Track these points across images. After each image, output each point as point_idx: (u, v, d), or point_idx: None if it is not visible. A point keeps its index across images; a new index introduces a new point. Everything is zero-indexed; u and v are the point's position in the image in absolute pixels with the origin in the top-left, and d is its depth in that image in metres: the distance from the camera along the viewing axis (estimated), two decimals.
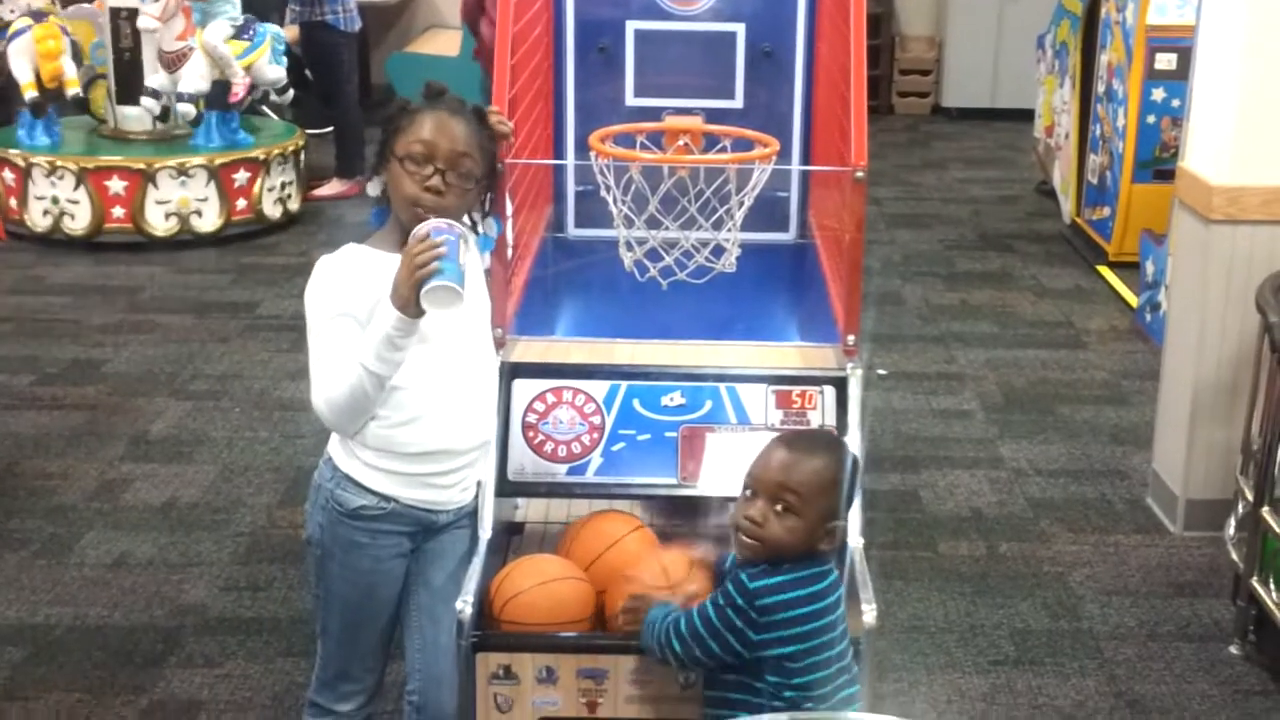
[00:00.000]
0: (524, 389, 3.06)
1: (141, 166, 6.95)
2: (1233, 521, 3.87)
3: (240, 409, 5.14)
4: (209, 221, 7.09)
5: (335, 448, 2.66)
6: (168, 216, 7.01)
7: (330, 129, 8.39)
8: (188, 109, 7.05)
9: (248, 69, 7.12)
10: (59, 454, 4.78)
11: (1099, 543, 4.28)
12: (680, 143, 3.59)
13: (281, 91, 7.44)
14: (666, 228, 3.33)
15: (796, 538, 2.35)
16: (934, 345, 5.92)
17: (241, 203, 7.17)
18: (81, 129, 7.54)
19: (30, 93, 7.08)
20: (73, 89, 7.22)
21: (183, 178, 6.97)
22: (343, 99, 8.09)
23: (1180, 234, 4.52)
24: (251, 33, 7.13)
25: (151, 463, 4.70)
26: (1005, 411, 5.25)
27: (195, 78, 7.02)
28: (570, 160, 4.03)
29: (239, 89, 7.11)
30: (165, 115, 7.16)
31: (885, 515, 4.35)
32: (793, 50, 4.09)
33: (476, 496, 2.77)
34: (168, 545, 4.17)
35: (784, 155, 3.61)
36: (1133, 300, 6.28)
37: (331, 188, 8.08)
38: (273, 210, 7.33)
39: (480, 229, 2.71)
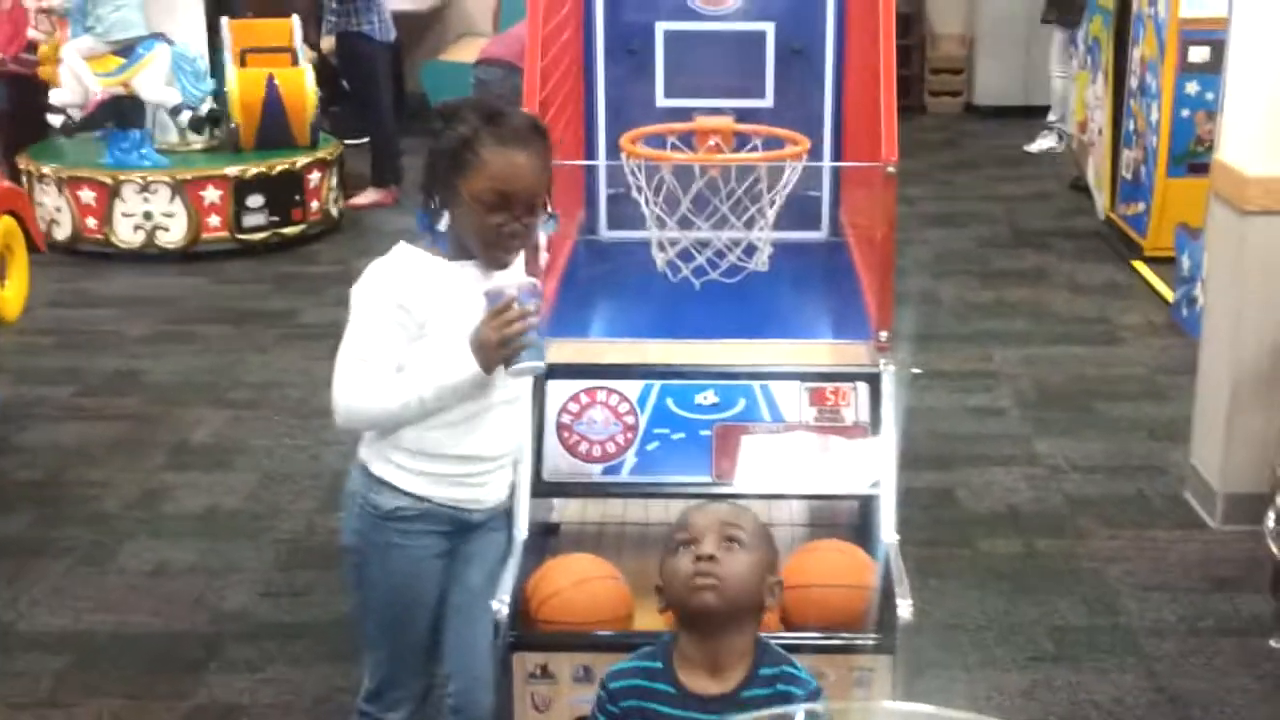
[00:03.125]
0: (558, 390, 3.08)
1: (107, 180, 7.12)
2: (1272, 515, 3.82)
3: (279, 417, 5.18)
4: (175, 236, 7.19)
5: (367, 453, 2.67)
6: (135, 229, 7.15)
7: (365, 139, 8.44)
8: (55, 118, 7.28)
9: (124, 85, 7.23)
10: (101, 463, 4.83)
11: (1137, 538, 4.26)
12: (711, 143, 3.61)
13: (173, 113, 7.37)
14: (699, 228, 3.35)
15: (751, 580, 2.12)
16: (969, 343, 5.90)
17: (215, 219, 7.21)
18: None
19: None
20: None
21: (145, 193, 7.11)
22: (378, 109, 8.15)
23: (1215, 227, 4.49)
24: (130, 51, 7.22)
25: (192, 471, 4.75)
26: (1041, 408, 5.23)
27: (65, 90, 7.27)
28: (602, 161, 4.05)
29: (92, 102, 7.30)
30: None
31: (920, 513, 4.33)
32: (823, 49, 4.10)
33: (510, 496, 2.78)
34: (208, 552, 4.21)
35: (815, 154, 3.62)
36: (1169, 295, 6.24)
37: (367, 197, 8.13)
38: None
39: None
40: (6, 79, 8.06)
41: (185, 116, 7.35)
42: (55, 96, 7.27)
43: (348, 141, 8.19)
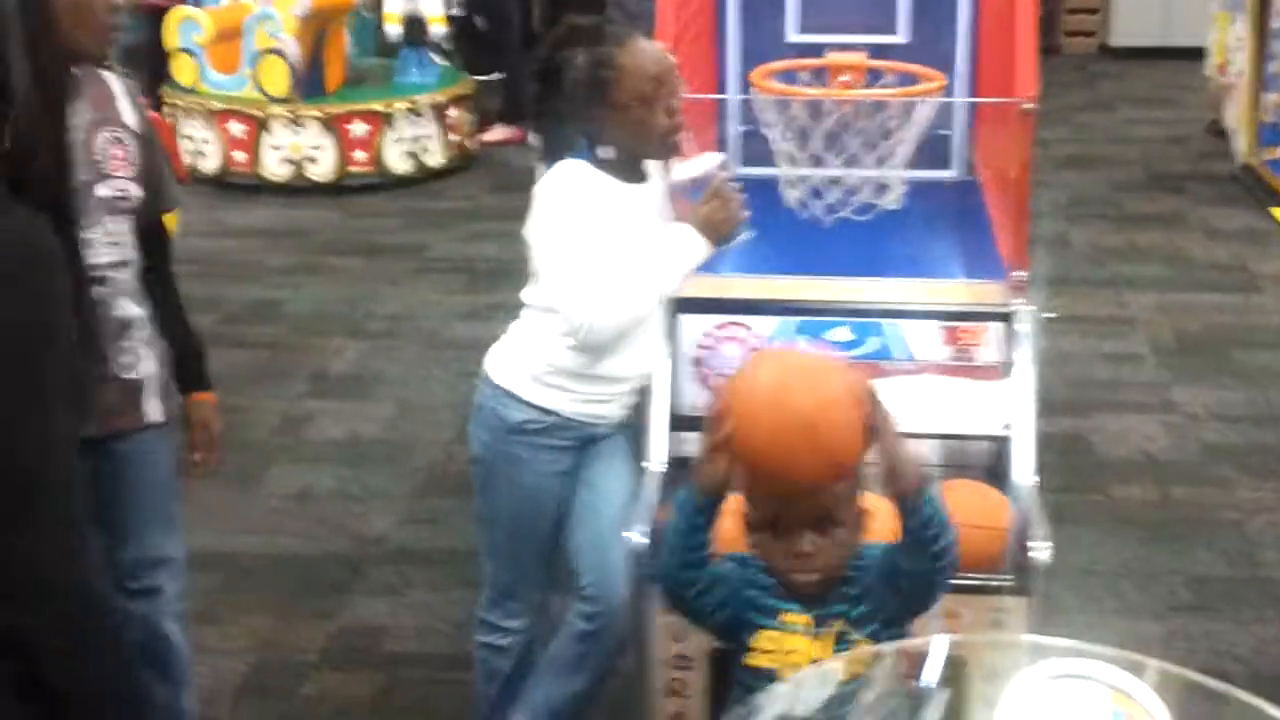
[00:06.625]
0: (692, 324, 3.10)
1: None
2: None
3: (414, 348, 5.29)
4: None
5: (494, 365, 2.75)
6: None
7: (497, 75, 8.49)
8: None
9: None
10: (244, 390, 4.97)
11: (1279, 489, 4.18)
12: (843, 79, 3.58)
13: None
14: (830, 165, 3.33)
15: (855, 530, 2.07)
16: (1103, 288, 5.80)
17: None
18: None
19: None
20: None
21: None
22: (511, 45, 8.20)
23: None
24: None
25: (331, 399, 4.88)
26: (1178, 356, 5.14)
27: None
28: (733, 96, 4.04)
29: None
30: None
31: (1054, 458, 4.26)
32: None
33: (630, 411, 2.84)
34: (349, 478, 4.33)
35: (948, 91, 3.57)
36: None
37: (498, 133, 8.19)
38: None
39: None
40: (148, 10, 8.19)
41: None
42: None
43: (479, 78, 8.25)
